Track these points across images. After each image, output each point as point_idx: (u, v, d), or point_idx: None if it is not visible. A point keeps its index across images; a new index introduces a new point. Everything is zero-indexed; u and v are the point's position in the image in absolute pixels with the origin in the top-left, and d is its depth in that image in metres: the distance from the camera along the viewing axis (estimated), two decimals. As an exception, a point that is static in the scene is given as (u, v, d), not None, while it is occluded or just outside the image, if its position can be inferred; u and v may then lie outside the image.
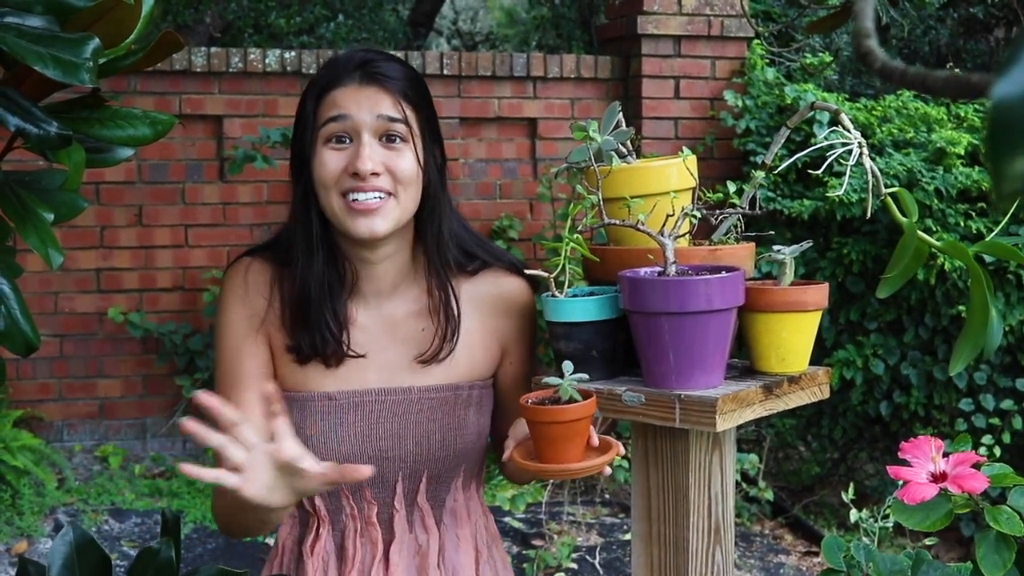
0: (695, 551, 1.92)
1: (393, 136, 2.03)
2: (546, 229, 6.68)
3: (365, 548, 2.15)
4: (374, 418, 2.11)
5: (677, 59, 6.86)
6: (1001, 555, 1.62)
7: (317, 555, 2.15)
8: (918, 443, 1.73)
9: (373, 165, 1.99)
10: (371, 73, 2.04)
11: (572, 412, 1.79)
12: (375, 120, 2.01)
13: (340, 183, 2.01)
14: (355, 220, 2.00)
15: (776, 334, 1.89)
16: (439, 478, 2.18)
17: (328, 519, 2.15)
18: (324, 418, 2.09)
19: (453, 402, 2.16)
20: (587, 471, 1.83)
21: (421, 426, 2.13)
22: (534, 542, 5.61)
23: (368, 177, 1.99)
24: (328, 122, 2.02)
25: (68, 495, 5.96)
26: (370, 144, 2.01)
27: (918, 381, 5.72)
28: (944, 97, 0.60)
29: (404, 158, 2.03)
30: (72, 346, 6.47)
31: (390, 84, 2.04)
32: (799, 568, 5.58)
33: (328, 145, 2.02)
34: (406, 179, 2.03)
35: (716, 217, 2.06)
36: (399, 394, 2.13)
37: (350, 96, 2.02)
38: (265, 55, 6.53)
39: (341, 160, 2.01)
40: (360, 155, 1.99)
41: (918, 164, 5.59)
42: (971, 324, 1.82)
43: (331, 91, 2.04)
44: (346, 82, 2.03)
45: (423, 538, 2.18)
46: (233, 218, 6.63)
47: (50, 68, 1.40)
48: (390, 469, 2.13)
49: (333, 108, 2.02)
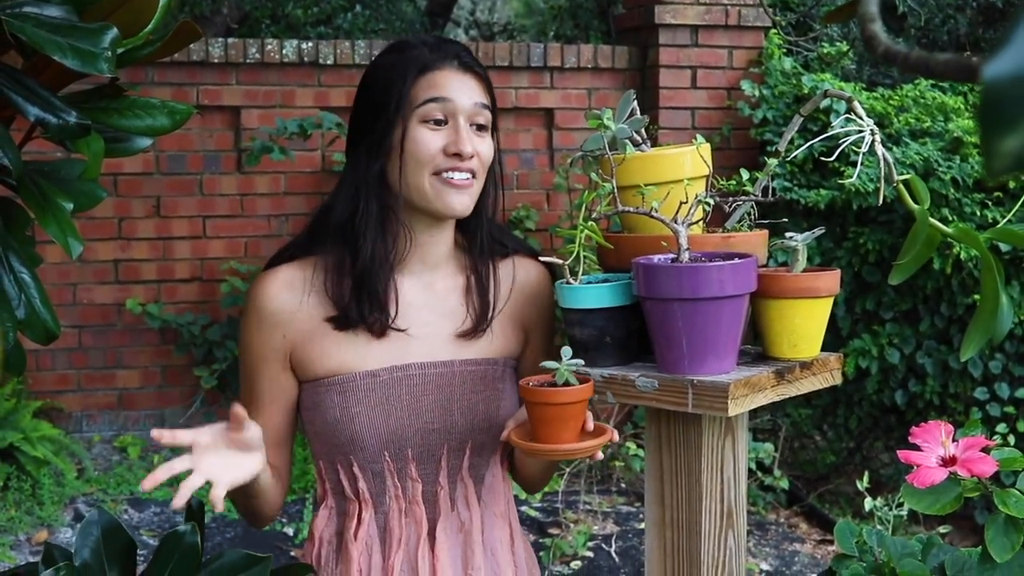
0: (707, 535, 1.93)
1: (482, 124, 2.13)
2: (563, 219, 6.69)
3: (410, 528, 2.18)
4: (419, 391, 2.15)
5: (694, 49, 6.86)
6: (1010, 538, 1.63)
7: (361, 540, 2.17)
8: (928, 428, 1.74)
9: (472, 147, 2.08)
10: (467, 63, 2.14)
11: (567, 395, 1.84)
12: (472, 106, 2.11)
13: (436, 162, 2.08)
14: (450, 195, 2.09)
15: (788, 320, 1.90)
16: (482, 451, 2.22)
17: (371, 502, 2.18)
18: (369, 394, 2.13)
19: (492, 375, 2.21)
20: (576, 453, 1.89)
21: (466, 397, 2.18)
22: (551, 531, 5.63)
23: (467, 158, 2.08)
24: (428, 102, 2.09)
25: (87, 485, 5.99)
26: (466, 128, 2.10)
27: (933, 370, 5.72)
28: (945, 80, 0.62)
29: (487, 144, 2.14)
30: (91, 337, 6.50)
31: (482, 74, 2.16)
32: (814, 556, 5.59)
33: (426, 125, 2.09)
34: (487, 163, 2.15)
35: (729, 205, 2.07)
36: (442, 367, 2.17)
37: (451, 80, 2.11)
38: (282, 46, 6.54)
39: (440, 140, 2.08)
40: (461, 136, 2.08)
41: (935, 153, 5.58)
42: (982, 310, 1.83)
43: (430, 72, 2.10)
44: (445, 66, 2.12)
45: (465, 515, 2.21)
46: (251, 209, 6.65)
47: (69, 58, 1.42)
48: (436, 442, 2.17)
49: (434, 89, 2.09)
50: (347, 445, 2.15)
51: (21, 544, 5.37)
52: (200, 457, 1.97)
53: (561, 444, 1.86)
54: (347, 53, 6.60)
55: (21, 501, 5.66)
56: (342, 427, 2.13)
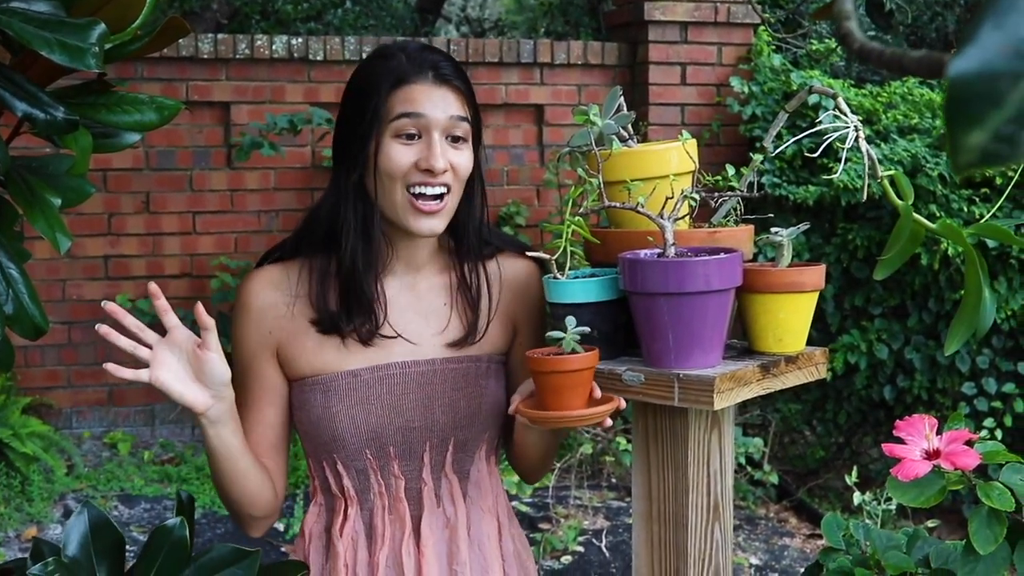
0: (694, 528, 1.95)
1: (458, 136, 2.12)
2: (553, 215, 6.70)
3: (394, 525, 2.19)
4: (400, 390, 2.16)
5: (684, 45, 6.87)
6: (993, 530, 1.64)
7: (347, 536, 2.19)
8: (912, 421, 1.75)
9: (444, 163, 2.07)
10: (443, 75, 2.12)
11: (574, 362, 1.85)
12: (447, 120, 2.09)
13: (407, 176, 2.08)
14: (418, 219, 2.09)
15: (773, 315, 1.91)
16: (465, 446, 2.22)
17: (356, 499, 2.19)
18: (350, 393, 2.14)
19: (475, 372, 2.21)
20: (586, 419, 1.88)
21: (447, 395, 2.18)
22: (541, 525, 5.64)
23: (439, 174, 2.07)
24: (401, 117, 2.08)
25: (77, 481, 5.99)
26: (440, 142, 2.08)
27: (921, 365, 5.74)
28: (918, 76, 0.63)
29: (464, 156, 2.13)
30: (80, 333, 6.49)
31: (459, 85, 2.14)
32: (803, 550, 5.61)
33: (398, 139, 2.09)
34: (464, 176, 2.13)
35: (715, 200, 2.08)
36: (424, 365, 2.18)
37: (425, 94, 2.09)
38: (272, 41, 6.55)
39: (411, 155, 2.08)
40: (434, 153, 2.06)
41: (922, 150, 5.60)
42: (966, 305, 1.84)
43: (404, 86, 2.09)
44: (419, 80, 2.10)
45: (451, 511, 2.22)
46: (241, 205, 6.65)
47: (56, 53, 1.42)
48: (417, 440, 2.18)
49: (408, 104, 2.08)
50: (330, 443, 2.16)
51: (10, 541, 5.37)
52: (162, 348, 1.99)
53: (571, 411, 1.86)
54: (337, 49, 6.60)
55: (10, 498, 5.66)
56: (324, 425, 2.15)
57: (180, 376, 1.97)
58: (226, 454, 2.05)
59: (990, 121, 0.49)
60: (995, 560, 1.66)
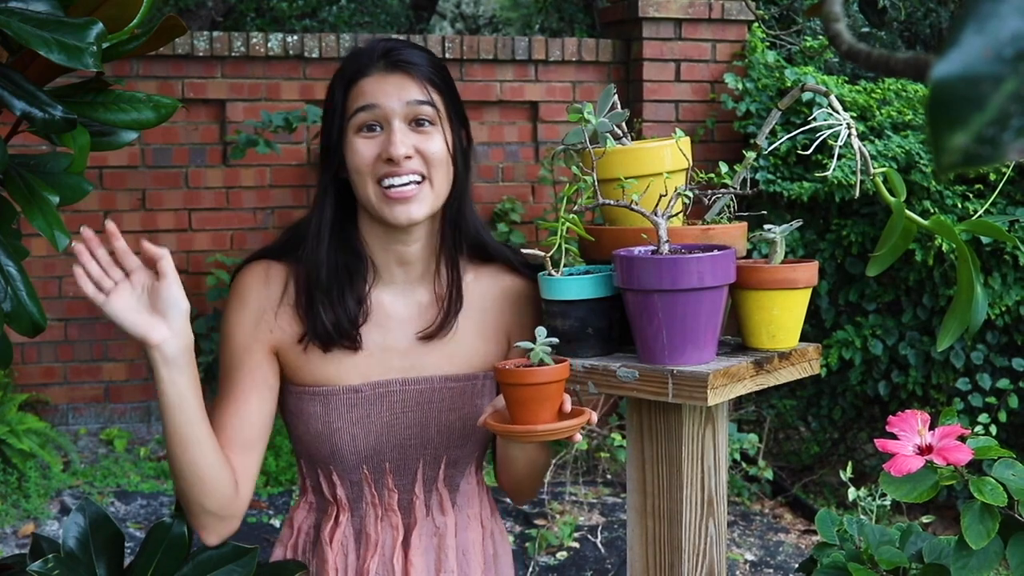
0: (688, 523, 1.96)
1: (422, 120, 2.07)
2: (548, 212, 6.71)
3: (386, 533, 2.18)
4: (399, 408, 2.14)
5: (678, 42, 6.88)
6: (985, 525, 1.65)
7: (336, 541, 2.17)
8: (905, 417, 1.76)
9: (406, 149, 2.03)
10: (395, 61, 2.08)
11: (542, 375, 1.82)
12: (404, 106, 2.05)
13: (375, 170, 2.04)
14: (392, 208, 2.05)
15: (767, 311, 1.92)
16: (456, 464, 2.21)
17: (348, 507, 2.18)
18: (351, 411, 2.12)
19: (471, 392, 2.19)
20: (553, 434, 1.84)
21: (443, 415, 2.17)
22: (536, 521, 5.65)
23: (402, 161, 2.03)
24: (357, 112, 2.06)
25: (74, 478, 6.00)
26: (401, 130, 2.04)
27: (916, 361, 5.76)
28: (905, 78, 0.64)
29: (434, 141, 2.07)
30: (77, 330, 6.50)
31: (414, 70, 2.08)
32: (798, 546, 5.62)
33: (360, 134, 2.06)
34: (437, 160, 2.07)
35: (709, 197, 2.09)
36: (423, 383, 2.16)
37: (377, 85, 2.06)
38: (267, 39, 6.55)
39: (374, 147, 2.05)
40: (392, 140, 2.03)
41: (916, 146, 5.61)
42: (958, 301, 1.85)
43: (358, 81, 2.08)
44: (371, 71, 2.07)
45: (440, 520, 2.21)
46: (236, 202, 6.66)
47: (55, 52, 1.43)
48: (412, 457, 2.17)
49: (361, 98, 2.06)
50: (328, 458, 2.14)
51: (7, 537, 5.38)
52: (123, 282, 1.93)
53: (536, 425, 1.82)
54: (332, 46, 6.61)
55: (7, 494, 5.67)
56: (323, 440, 2.13)
57: (133, 306, 1.91)
58: (180, 405, 1.94)
59: (973, 123, 0.51)
60: (988, 555, 1.68)
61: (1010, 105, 0.50)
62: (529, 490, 2.30)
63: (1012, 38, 0.50)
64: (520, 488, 2.29)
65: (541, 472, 2.28)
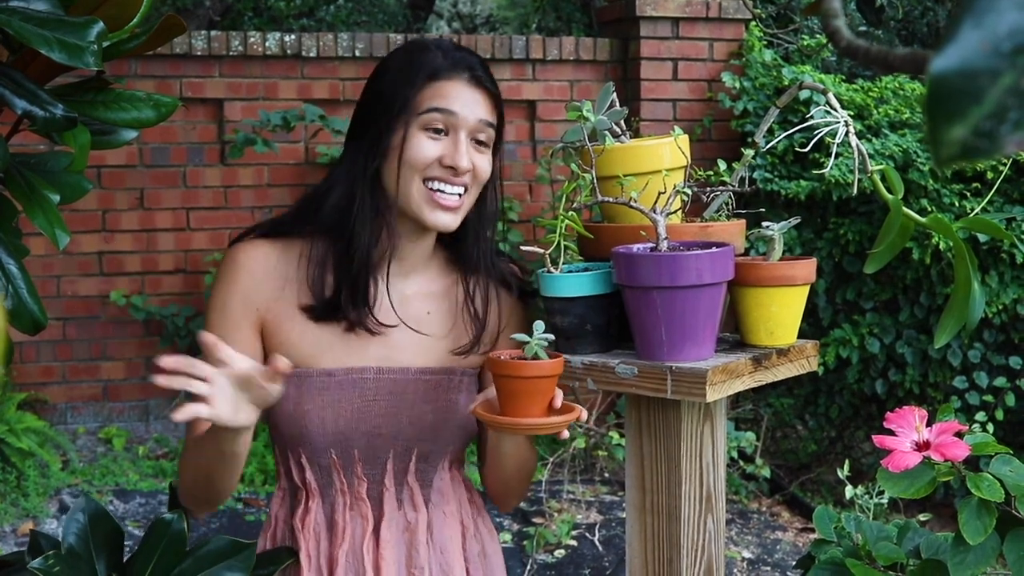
0: (687, 519, 1.96)
1: (481, 140, 2.13)
2: (545, 211, 6.72)
3: (356, 522, 2.18)
4: (371, 396, 2.15)
5: (675, 41, 6.89)
6: (983, 521, 1.66)
7: (308, 528, 2.17)
8: (903, 413, 1.77)
9: (468, 163, 2.08)
10: (479, 77, 2.13)
11: (534, 368, 1.83)
12: (476, 123, 2.10)
13: (429, 170, 2.08)
14: (435, 212, 2.09)
15: (765, 308, 1.93)
16: (428, 458, 2.21)
17: (318, 492, 2.18)
18: (322, 394, 2.13)
19: (446, 386, 2.20)
20: (541, 429, 1.85)
21: (416, 407, 2.17)
22: (534, 520, 5.65)
23: (463, 172, 2.08)
24: (432, 111, 2.08)
25: (72, 476, 6.01)
26: (466, 142, 2.09)
27: (913, 359, 5.77)
28: (903, 73, 0.65)
29: (486, 160, 2.14)
30: (75, 329, 6.50)
31: (492, 91, 2.16)
32: (796, 544, 5.63)
33: (426, 132, 2.09)
34: (483, 179, 2.15)
35: (707, 195, 2.10)
36: (397, 373, 2.16)
37: (459, 93, 2.10)
38: (265, 38, 6.56)
39: (436, 149, 2.08)
40: (460, 151, 2.07)
41: (914, 145, 5.62)
42: (955, 298, 1.86)
43: (438, 81, 2.10)
44: (454, 78, 2.10)
45: (412, 515, 2.20)
46: (234, 201, 6.66)
47: (55, 51, 1.44)
48: (382, 446, 2.17)
49: (440, 99, 2.09)
50: (296, 438, 2.15)
51: (6, 535, 5.38)
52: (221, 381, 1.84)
53: (523, 419, 1.83)
54: (330, 46, 6.62)
55: (6, 493, 5.67)
56: (293, 421, 2.13)
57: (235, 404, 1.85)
58: (238, 453, 1.98)
59: (970, 117, 0.51)
60: (985, 551, 1.68)
61: (1007, 98, 0.51)
62: (516, 493, 2.30)
63: (1009, 32, 0.51)
64: (507, 489, 2.28)
65: (528, 474, 2.28)
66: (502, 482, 2.25)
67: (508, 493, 2.29)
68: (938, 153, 0.52)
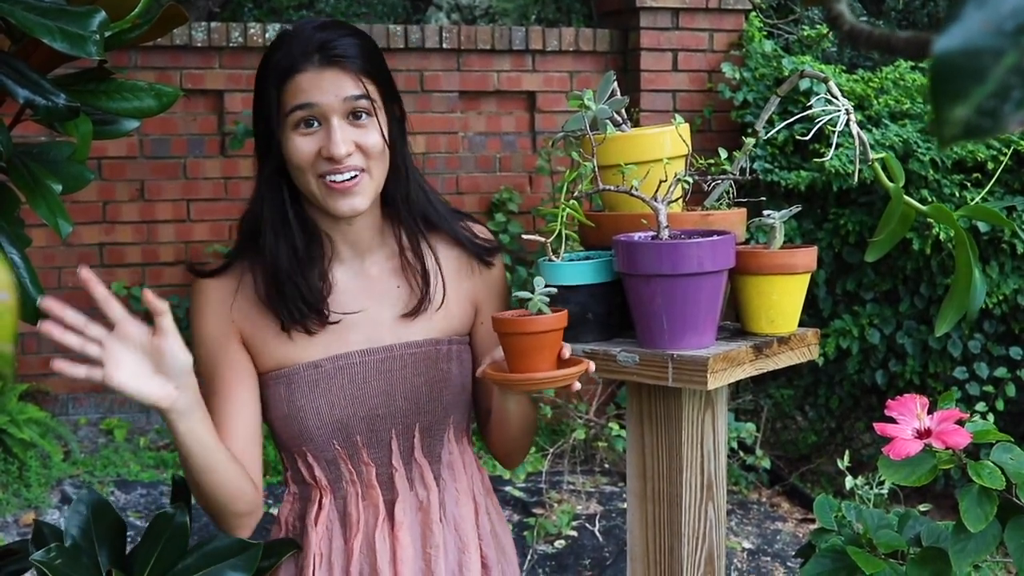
0: (688, 506, 1.97)
1: (359, 112, 2.06)
2: (545, 202, 6.71)
3: (368, 511, 2.18)
4: (361, 379, 2.15)
5: (675, 32, 6.88)
6: (983, 508, 1.67)
7: (321, 524, 2.18)
8: (904, 401, 1.78)
9: (346, 148, 2.03)
10: (330, 56, 2.04)
11: (539, 323, 1.84)
12: (341, 103, 2.04)
13: (315, 166, 2.04)
14: (336, 200, 2.05)
15: (766, 296, 1.93)
16: (431, 431, 2.21)
17: (329, 488, 2.19)
18: (313, 387, 2.13)
19: (435, 356, 2.20)
20: (552, 382, 1.86)
21: (407, 381, 2.17)
22: (534, 510, 5.66)
23: (343, 159, 2.03)
24: (295, 110, 2.04)
25: (74, 467, 6.01)
26: (340, 127, 2.03)
27: (913, 350, 5.77)
28: (906, 57, 0.65)
29: (371, 134, 2.07)
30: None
31: (349, 64, 2.05)
32: (796, 535, 5.64)
33: (297, 131, 2.05)
34: (376, 153, 2.07)
35: (708, 184, 2.10)
36: (382, 352, 2.17)
37: (313, 82, 2.03)
38: (265, 29, 6.55)
39: (313, 144, 2.04)
40: (333, 140, 2.02)
41: (914, 135, 5.62)
42: (956, 286, 1.87)
43: (292, 77, 2.04)
44: (306, 67, 2.04)
45: (423, 494, 2.21)
46: (235, 192, 6.66)
47: (58, 41, 1.44)
48: (383, 427, 2.17)
49: (298, 96, 2.04)
50: (298, 437, 2.15)
51: (8, 525, 5.39)
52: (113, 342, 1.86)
53: (536, 373, 1.84)
54: (330, 37, 6.60)
55: (8, 483, 5.68)
56: (291, 421, 2.14)
57: (138, 372, 1.84)
58: (200, 448, 1.94)
59: (973, 96, 0.52)
60: (986, 538, 1.69)
61: (1010, 78, 0.51)
62: (521, 449, 2.31)
63: (1012, 12, 0.51)
64: (515, 447, 2.29)
65: (532, 429, 2.27)
66: (509, 439, 2.25)
67: (515, 451, 2.30)
68: (941, 133, 0.53)
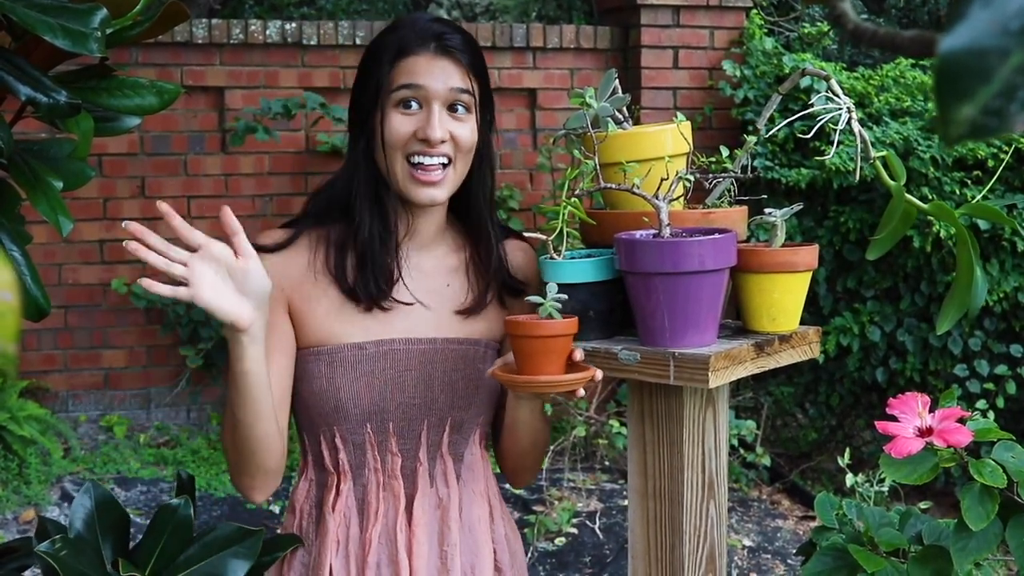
0: (689, 505, 1.97)
1: (459, 105, 2.15)
2: (546, 199, 6.71)
3: (388, 502, 2.19)
4: (403, 366, 2.18)
5: (676, 29, 6.88)
6: (985, 507, 1.66)
7: (339, 512, 2.19)
8: (905, 399, 1.77)
9: (442, 133, 2.11)
10: (445, 46, 2.14)
11: (548, 328, 1.86)
12: (447, 92, 2.13)
13: (407, 146, 2.12)
14: (417, 189, 2.13)
15: (767, 294, 1.93)
16: (461, 428, 2.23)
17: (350, 473, 2.19)
18: (355, 367, 2.16)
19: (473, 355, 2.23)
20: (557, 386, 1.88)
21: (447, 375, 2.20)
22: (535, 508, 5.66)
23: (437, 144, 2.11)
24: (401, 88, 2.12)
25: (74, 464, 6.01)
26: (439, 113, 2.12)
27: (914, 347, 5.77)
28: (911, 55, 0.65)
29: (466, 127, 2.16)
30: (76, 317, 6.51)
31: (461, 57, 2.16)
32: (796, 532, 5.64)
33: (398, 109, 2.13)
34: (466, 147, 2.17)
35: (710, 182, 2.10)
36: (425, 343, 2.20)
37: (424, 66, 2.13)
38: (266, 26, 6.55)
39: (411, 124, 2.12)
40: (431, 123, 2.10)
41: (915, 133, 5.62)
42: (958, 284, 1.86)
43: (405, 58, 2.13)
44: (420, 51, 2.14)
45: (444, 492, 2.23)
46: (235, 189, 6.66)
47: (59, 38, 1.44)
48: (416, 417, 2.19)
49: (407, 75, 2.12)
50: (331, 415, 2.16)
51: (8, 523, 5.39)
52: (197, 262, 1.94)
53: (541, 376, 1.87)
54: (330, 33, 6.61)
55: (8, 480, 5.68)
56: (327, 396, 2.15)
57: (223, 291, 1.92)
58: (257, 382, 1.99)
59: (979, 95, 0.52)
60: (987, 536, 1.69)
61: (1016, 77, 0.51)
62: (531, 467, 2.34)
63: (1018, 11, 0.51)
64: (523, 463, 2.32)
65: (543, 448, 2.32)
66: (518, 455, 2.30)
67: (524, 467, 2.34)
68: (947, 132, 0.53)
